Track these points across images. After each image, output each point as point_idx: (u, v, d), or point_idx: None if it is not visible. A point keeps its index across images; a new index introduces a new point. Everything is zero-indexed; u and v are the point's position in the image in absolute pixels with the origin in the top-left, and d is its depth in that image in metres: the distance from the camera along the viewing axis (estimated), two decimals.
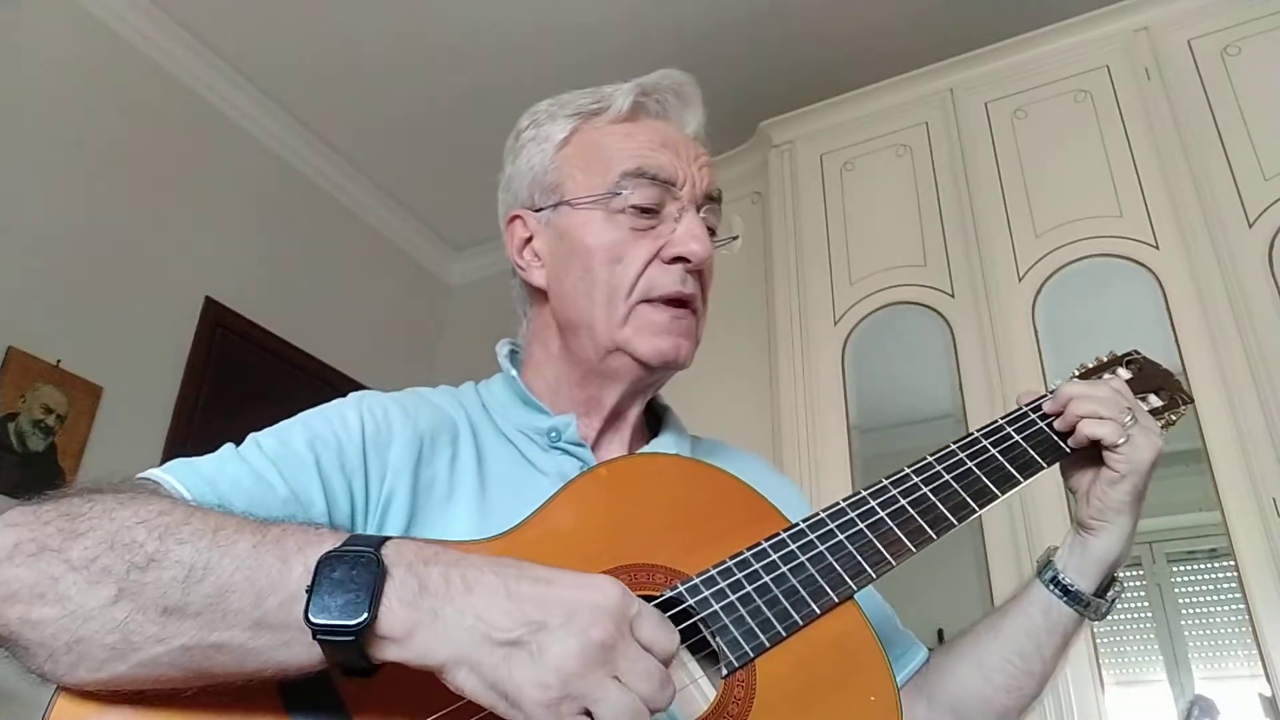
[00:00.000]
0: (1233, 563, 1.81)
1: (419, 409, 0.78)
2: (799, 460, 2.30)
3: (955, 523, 0.74)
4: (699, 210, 0.83)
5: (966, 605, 2.22)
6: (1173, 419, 0.88)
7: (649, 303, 0.80)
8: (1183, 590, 2.68)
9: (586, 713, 0.49)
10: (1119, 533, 0.79)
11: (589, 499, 0.70)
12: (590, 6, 2.70)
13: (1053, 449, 0.80)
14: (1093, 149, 2.26)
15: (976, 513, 0.75)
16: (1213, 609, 2.61)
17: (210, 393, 2.72)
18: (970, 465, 0.78)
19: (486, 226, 0.93)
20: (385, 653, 0.51)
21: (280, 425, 0.73)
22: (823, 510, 0.73)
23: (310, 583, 0.50)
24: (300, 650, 0.51)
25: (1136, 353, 0.93)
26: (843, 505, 0.73)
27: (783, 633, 0.65)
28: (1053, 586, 0.80)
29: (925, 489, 0.75)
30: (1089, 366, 0.91)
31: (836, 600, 0.68)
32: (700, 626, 0.65)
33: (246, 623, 0.51)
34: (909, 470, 0.77)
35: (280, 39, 2.82)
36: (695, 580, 0.66)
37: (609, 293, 0.80)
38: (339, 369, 3.16)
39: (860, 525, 0.72)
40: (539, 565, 0.55)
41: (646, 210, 0.81)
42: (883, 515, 0.73)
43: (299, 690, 0.54)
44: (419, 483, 0.73)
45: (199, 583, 0.51)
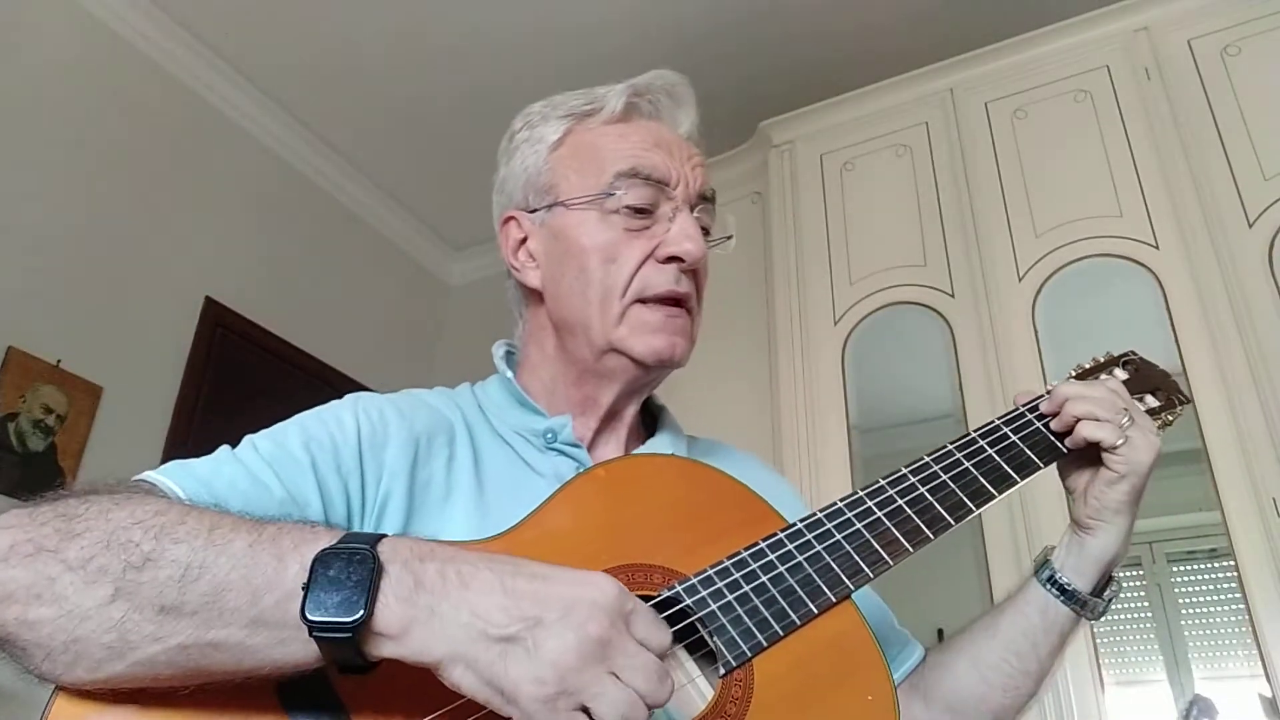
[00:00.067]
0: (1233, 563, 1.81)
1: (415, 410, 0.78)
2: (799, 460, 2.30)
3: (952, 522, 0.74)
4: (693, 210, 0.83)
5: (966, 605, 2.22)
6: (1169, 419, 0.88)
7: (643, 302, 0.80)
8: (1183, 590, 2.68)
9: (583, 709, 0.49)
10: (1116, 533, 0.79)
11: (587, 500, 0.70)
12: (590, 6, 2.70)
13: (1050, 449, 0.80)
14: (1093, 149, 2.26)
15: (974, 512, 0.75)
16: (1213, 609, 2.61)
17: (210, 393, 2.72)
18: (967, 465, 0.78)
19: (486, 226, 0.93)
20: (382, 649, 0.51)
21: (276, 427, 0.73)
22: (820, 510, 0.73)
23: (306, 580, 0.51)
24: (297, 648, 0.51)
25: (1133, 353, 0.93)
26: (840, 505, 0.73)
27: (780, 632, 0.65)
28: (1050, 586, 0.80)
29: (922, 489, 0.75)
30: (1085, 367, 0.91)
31: (834, 600, 0.68)
32: (698, 626, 0.65)
33: (243, 621, 0.51)
34: (906, 470, 0.77)
35: (280, 39, 2.82)
36: (693, 580, 0.66)
37: (604, 293, 0.80)
38: (339, 369, 3.16)
39: (857, 525, 0.72)
40: (535, 562, 0.55)
41: (640, 210, 0.81)
42: (880, 515, 0.73)
43: (296, 689, 0.54)
44: (415, 484, 0.73)
45: (195, 582, 0.51)
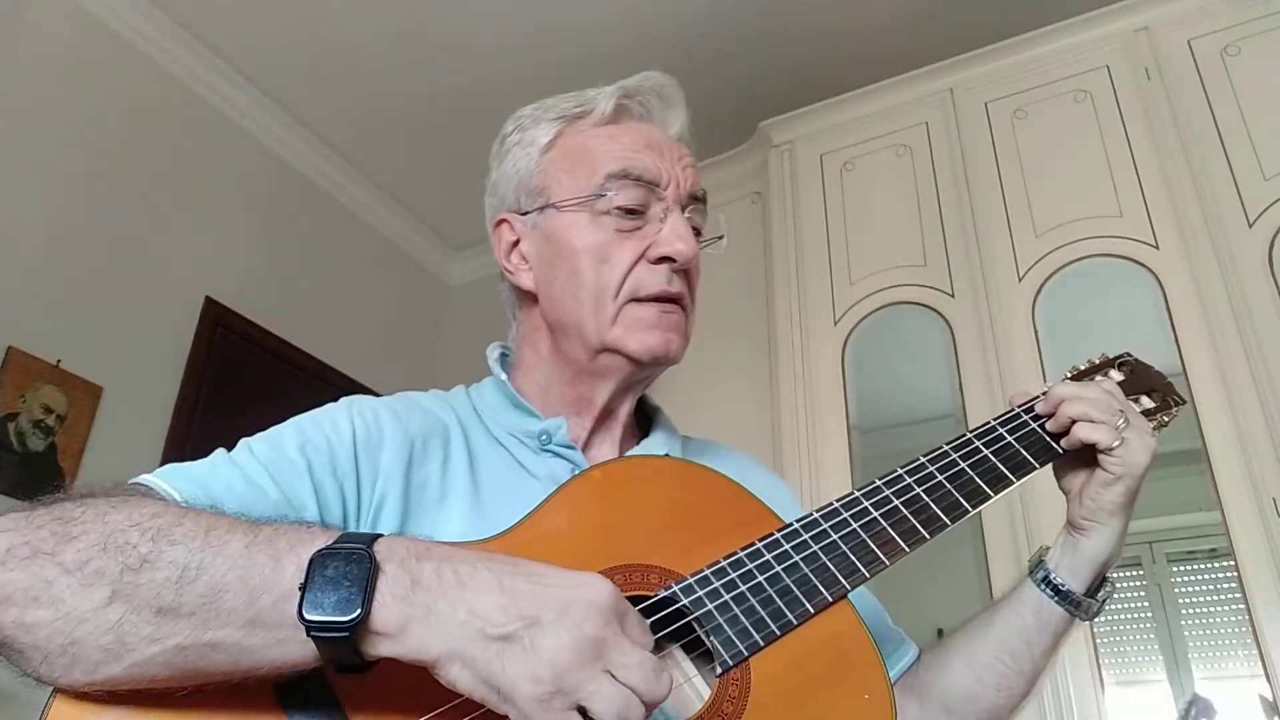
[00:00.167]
0: (1233, 563, 1.81)
1: (410, 413, 0.79)
2: (799, 460, 2.30)
3: (949, 522, 0.74)
4: (684, 210, 0.83)
5: (966, 604, 2.21)
6: (1165, 420, 0.88)
7: (637, 301, 0.80)
8: (1183, 590, 2.67)
9: (579, 708, 0.49)
10: (1110, 534, 0.79)
11: (583, 501, 0.70)
12: (590, 7, 2.70)
13: (1045, 450, 0.80)
14: (1093, 149, 2.26)
15: (970, 512, 0.75)
16: (1213, 609, 2.60)
17: (210, 393, 2.72)
18: (963, 466, 0.78)
19: (486, 227, 0.93)
20: (379, 648, 0.51)
21: (271, 430, 0.73)
22: (816, 511, 0.73)
23: (303, 580, 0.51)
24: (294, 648, 0.51)
25: (1128, 355, 0.93)
26: (836, 506, 0.74)
27: (776, 631, 0.65)
28: (1044, 586, 0.80)
29: (918, 489, 0.76)
30: (1081, 369, 0.91)
31: (830, 599, 0.68)
32: (695, 626, 0.65)
33: (240, 621, 0.51)
34: (902, 471, 0.77)
35: (280, 39, 2.82)
36: (689, 580, 0.66)
37: (597, 293, 0.80)
38: (339, 369, 3.16)
39: (854, 525, 0.72)
40: (532, 562, 0.55)
41: (631, 211, 0.81)
42: (876, 516, 0.73)
43: (294, 688, 0.54)
44: (411, 486, 0.73)
45: (192, 583, 0.51)
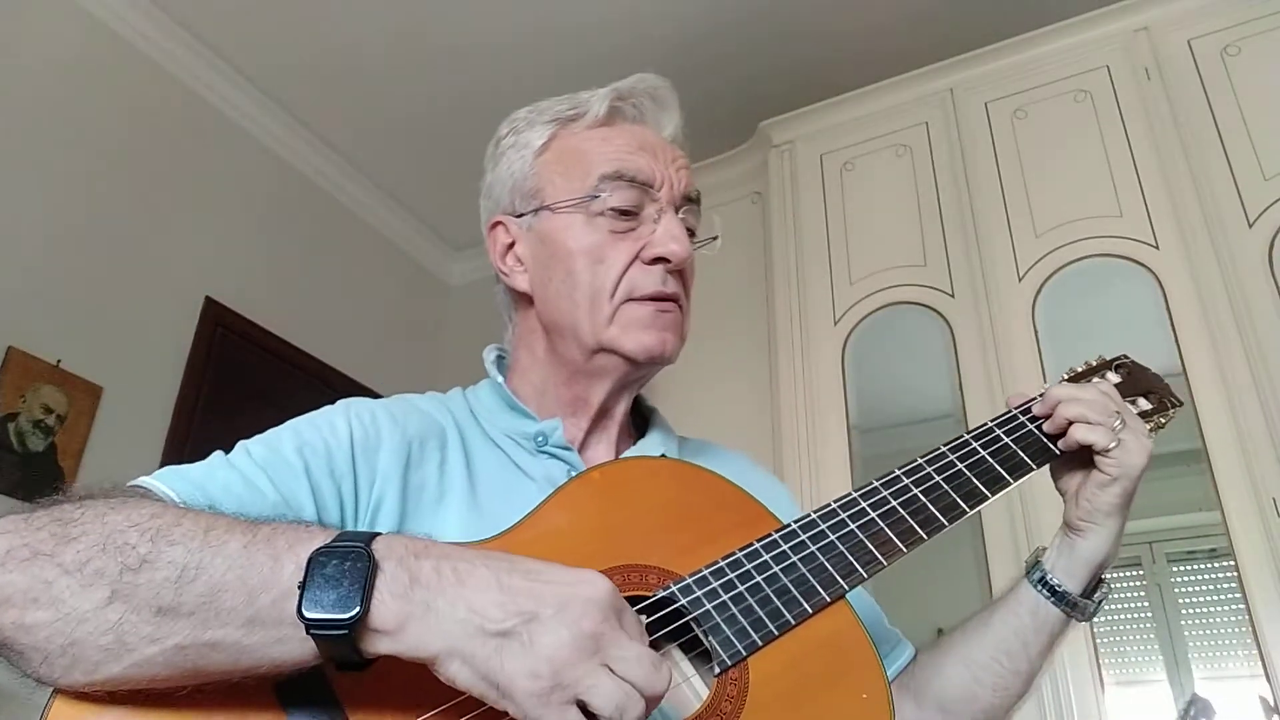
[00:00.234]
0: (1233, 563, 1.81)
1: (407, 415, 0.79)
2: (799, 460, 2.30)
3: (946, 523, 0.74)
4: (678, 211, 0.83)
5: (966, 604, 2.21)
6: (1162, 422, 0.88)
7: (633, 301, 0.81)
8: (1183, 590, 2.67)
9: (578, 703, 0.50)
10: (1107, 535, 0.79)
11: (582, 502, 0.70)
12: (590, 7, 2.70)
13: (1042, 451, 0.81)
14: (1093, 149, 2.26)
15: (967, 513, 0.76)
16: (1213, 609, 2.60)
17: (210, 393, 2.72)
18: (960, 467, 0.78)
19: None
20: (378, 646, 0.51)
21: (269, 433, 0.74)
22: (814, 511, 0.74)
23: (302, 579, 0.51)
24: (294, 646, 0.51)
25: (1125, 357, 0.93)
26: (834, 506, 0.74)
27: (775, 631, 0.65)
28: (1040, 587, 0.81)
29: (916, 490, 0.76)
30: (1078, 370, 0.92)
31: (828, 599, 0.68)
32: (693, 625, 0.65)
33: (240, 620, 0.51)
34: (899, 472, 0.77)
35: (280, 39, 2.82)
36: (688, 580, 0.67)
37: (592, 294, 0.80)
38: (339, 369, 3.16)
39: (851, 526, 0.73)
40: (530, 559, 0.55)
41: (626, 212, 0.81)
42: (874, 516, 0.73)
43: (293, 687, 0.54)
44: (408, 487, 0.74)
45: (191, 583, 0.51)
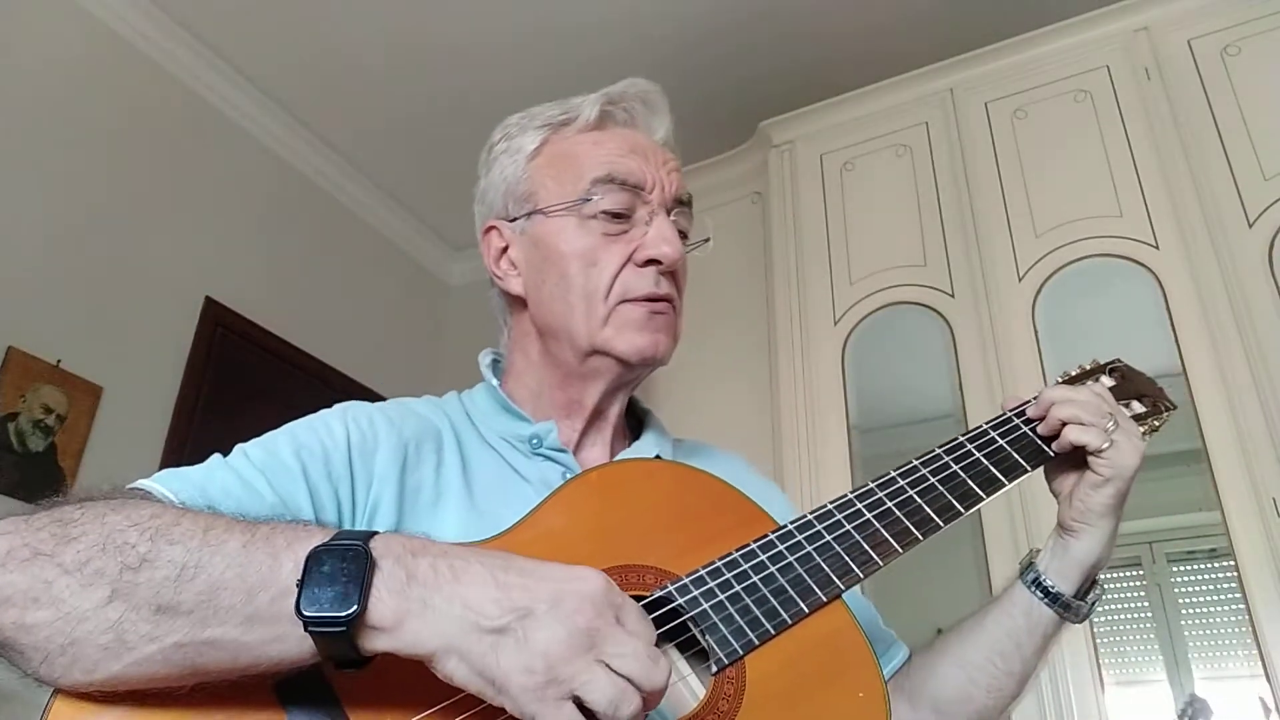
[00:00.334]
0: (1233, 563, 1.81)
1: (403, 418, 0.80)
2: (799, 460, 2.30)
3: (942, 524, 0.75)
4: (669, 213, 0.85)
5: (966, 604, 2.21)
6: (1156, 425, 0.89)
7: (627, 302, 0.82)
8: (1183, 590, 2.67)
9: (574, 698, 0.50)
10: (1100, 536, 0.80)
11: (580, 503, 0.70)
12: (590, 7, 2.70)
13: (1036, 453, 0.81)
14: (1093, 149, 2.26)
15: (963, 514, 0.76)
16: (1213, 609, 2.60)
17: (210, 393, 2.72)
18: (956, 469, 0.79)
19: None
20: (375, 643, 0.51)
21: (267, 436, 0.74)
22: (810, 512, 0.74)
23: (300, 577, 0.51)
24: (292, 644, 0.51)
25: (1119, 361, 0.94)
26: (830, 507, 0.75)
27: (771, 631, 0.66)
28: (1034, 588, 0.81)
29: (911, 491, 0.76)
30: (1072, 374, 0.93)
31: (824, 599, 0.68)
32: (690, 625, 0.66)
33: (238, 618, 0.51)
34: (895, 473, 0.78)
35: (280, 39, 2.82)
36: (685, 580, 0.67)
37: (586, 296, 0.81)
38: (339, 369, 3.16)
39: (847, 527, 0.73)
40: (525, 557, 0.55)
41: (618, 215, 0.83)
42: (869, 517, 0.74)
43: (293, 686, 0.55)
44: (405, 489, 0.74)
45: (191, 581, 0.51)
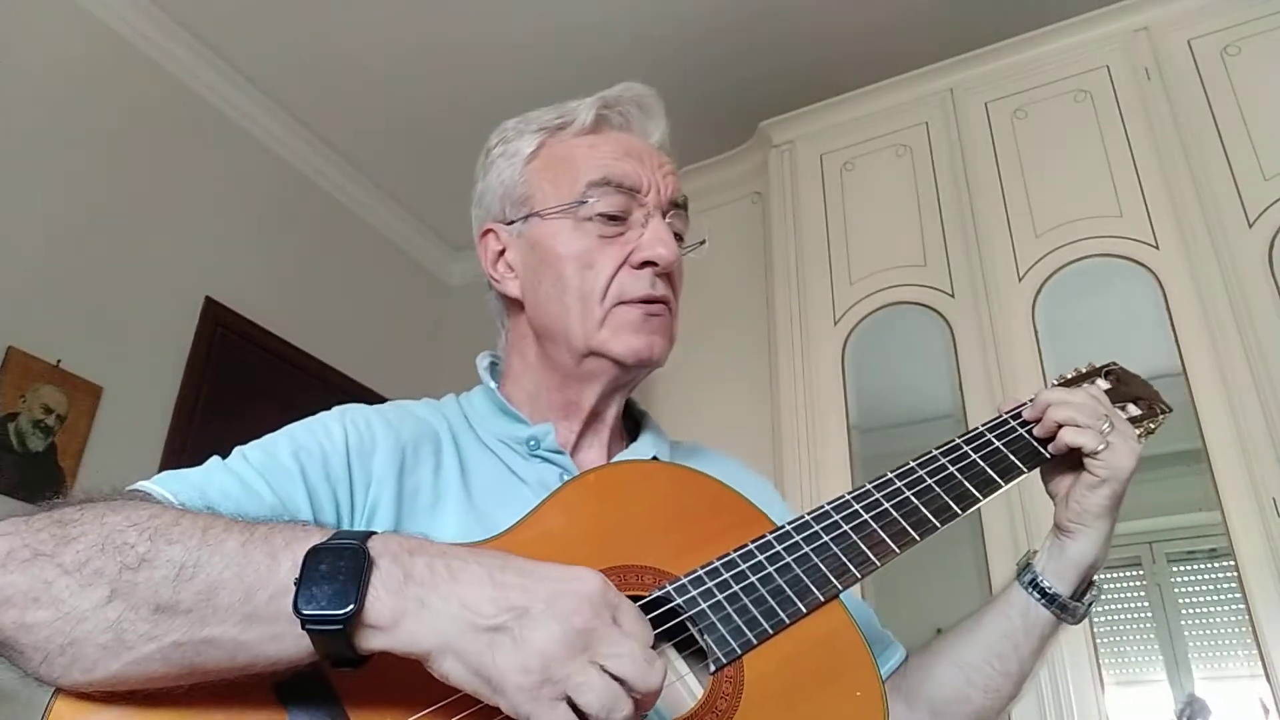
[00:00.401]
0: (1233, 563, 1.81)
1: (401, 420, 0.80)
2: (799, 460, 2.30)
3: (938, 524, 0.75)
4: (665, 216, 0.85)
5: (966, 604, 2.21)
6: (1151, 428, 0.90)
7: (623, 304, 0.82)
8: (1183, 590, 2.67)
9: (568, 699, 0.50)
10: (1096, 537, 0.80)
11: (578, 505, 0.71)
12: (590, 7, 2.70)
13: (1032, 455, 0.82)
14: (1093, 149, 2.26)
15: (959, 515, 0.76)
16: (1213, 609, 2.60)
17: (210, 393, 2.72)
18: (952, 470, 0.79)
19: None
20: (372, 642, 0.51)
21: (265, 438, 0.75)
22: (808, 513, 0.74)
23: (298, 576, 0.51)
24: (290, 643, 0.52)
25: (1114, 364, 0.95)
26: (827, 509, 0.75)
27: (769, 630, 0.66)
28: (1031, 589, 0.82)
29: (908, 492, 0.77)
30: (1067, 377, 0.93)
31: (822, 599, 0.68)
32: (688, 625, 0.66)
33: (236, 617, 0.51)
34: (893, 475, 0.78)
35: (280, 39, 2.82)
36: (683, 580, 0.67)
37: (582, 298, 0.82)
38: (339, 369, 3.15)
39: (845, 528, 0.73)
40: (522, 557, 0.56)
41: (613, 218, 0.83)
42: (867, 518, 0.74)
43: (293, 685, 0.55)
44: (403, 491, 0.75)
45: (189, 580, 0.52)
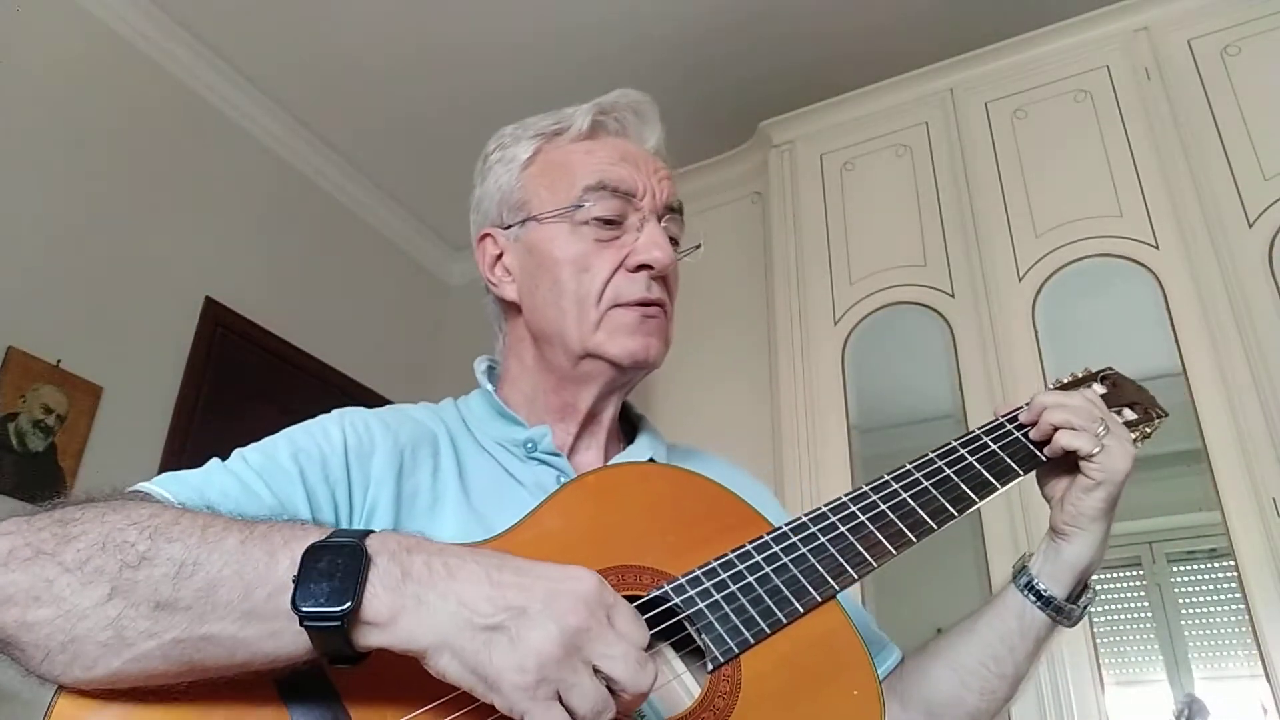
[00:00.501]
0: (1233, 563, 1.81)
1: (400, 423, 0.81)
2: (799, 460, 2.30)
3: (935, 526, 0.76)
4: (660, 220, 0.86)
5: (966, 604, 2.21)
6: (1148, 432, 0.90)
7: (619, 307, 0.83)
8: (1183, 590, 2.67)
9: (560, 698, 0.50)
10: (1092, 539, 0.81)
11: (576, 506, 0.71)
12: (590, 8, 2.70)
13: (1029, 457, 0.82)
14: (1093, 149, 2.26)
15: (956, 517, 0.77)
16: (1213, 609, 2.60)
17: (210, 393, 2.72)
18: (949, 473, 0.80)
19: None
20: (370, 639, 0.52)
21: (264, 440, 0.75)
22: (805, 514, 0.75)
23: (297, 573, 0.52)
24: (288, 640, 0.52)
25: (1110, 369, 0.95)
26: (824, 509, 0.75)
27: (767, 630, 0.66)
28: (1027, 592, 0.82)
29: (905, 494, 0.77)
30: (1064, 382, 0.94)
31: (819, 599, 0.69)
32: (685, 624, 0.66)
33: (236, 614, 0.52)
34: (889, 477, 0.79)
35: (280, 39, 2.82)
36: (681, 580, 0.68)
37: (578, 301, 0.83)
38: (339, 369, 3.15)
39: (842, 529, 0.74)
40: (519, 557, 0.56)
41: (609, 222, 0.84)
42: (864, 519, 0.75)
43: (294, 682, 0.55)
44: (402, 493, 0.75)
45: (189, 578, 0.52)
